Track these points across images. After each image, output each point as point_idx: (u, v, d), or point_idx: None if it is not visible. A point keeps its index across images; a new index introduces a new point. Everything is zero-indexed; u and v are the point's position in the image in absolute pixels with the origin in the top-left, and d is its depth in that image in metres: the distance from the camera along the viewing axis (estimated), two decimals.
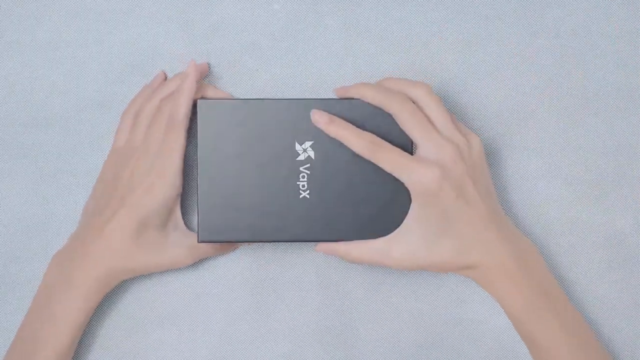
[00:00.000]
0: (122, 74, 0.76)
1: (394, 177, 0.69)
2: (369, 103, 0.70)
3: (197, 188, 0.70)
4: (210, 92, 0.74)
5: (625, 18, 0.76)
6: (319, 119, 0.69)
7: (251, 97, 0.75)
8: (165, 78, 0.76)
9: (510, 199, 0.76)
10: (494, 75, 0.76)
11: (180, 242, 0.72)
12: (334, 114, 0.70)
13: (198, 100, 0.70)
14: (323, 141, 0.70)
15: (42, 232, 0.76)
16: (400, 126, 0.69)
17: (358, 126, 0.69)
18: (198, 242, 0.70)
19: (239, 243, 0.74)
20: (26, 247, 0.76)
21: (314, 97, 0.75)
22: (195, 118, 0.71)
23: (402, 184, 0.69)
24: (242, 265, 0.76)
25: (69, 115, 0.76)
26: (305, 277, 0.76)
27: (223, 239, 0.70)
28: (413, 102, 0.69)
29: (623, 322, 0.75)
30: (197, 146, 0.71)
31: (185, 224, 0.75)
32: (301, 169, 0.70)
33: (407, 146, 0.69)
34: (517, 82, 0.76)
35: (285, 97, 0.75)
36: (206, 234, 0.70)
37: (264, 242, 0.70)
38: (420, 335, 0.75)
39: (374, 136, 0.68)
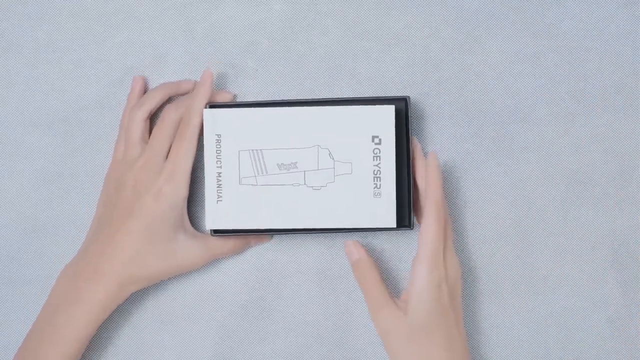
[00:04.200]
0: (122, 75, 0.76)
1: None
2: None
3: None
4: (216, 97, 0.74)
5: (625, 18, 0.76)
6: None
7: (252, 99, 0.76)
8: (145, 82, 0.76)
9: (511, 199, 0.76)
10: (494, 75, 0.76)
11: (191, 244, 0.72)
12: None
13: (204, 109, 0.71)
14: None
15: (42, 233, 0.76)
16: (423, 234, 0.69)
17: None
18: (211, 233, 0.72)
19: (248, 246, 0.75)
20: (26, 247, 0.76)
21: (314, 97, 0.76)
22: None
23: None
24: (242, 265, 0.76)
25: (69, 116, 0.76)
26: (306, 276, 0.76)
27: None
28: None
29: (623, 322, 0.75)
30: (202, 149, 0.72)
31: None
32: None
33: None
34: (517, 82, 0.76)
35: (287, 99, 0.75)
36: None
37: (276, 232, 0.72)
38: None
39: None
